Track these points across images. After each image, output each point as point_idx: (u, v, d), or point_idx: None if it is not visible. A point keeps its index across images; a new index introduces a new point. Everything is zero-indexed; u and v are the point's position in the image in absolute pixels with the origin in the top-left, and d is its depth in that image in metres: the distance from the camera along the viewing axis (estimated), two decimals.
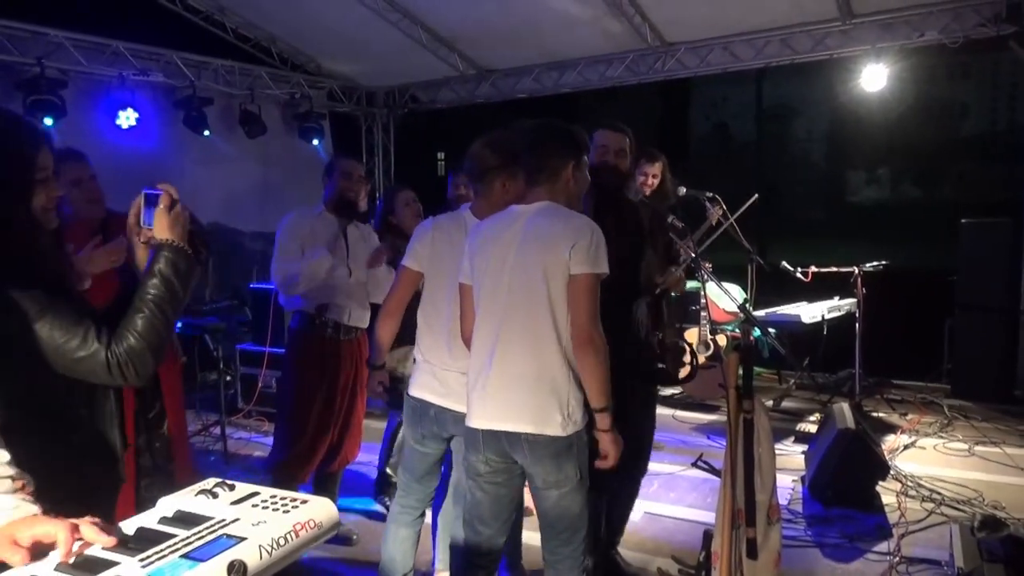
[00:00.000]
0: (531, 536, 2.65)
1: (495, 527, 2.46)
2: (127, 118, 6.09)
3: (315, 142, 7.77)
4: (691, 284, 5.76)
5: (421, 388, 2.70)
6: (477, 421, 2.35)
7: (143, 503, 2.68)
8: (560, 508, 2.32)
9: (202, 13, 6.74)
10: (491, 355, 2.31)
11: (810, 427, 5.12)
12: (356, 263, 3.54)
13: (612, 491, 3.12)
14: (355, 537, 3.72)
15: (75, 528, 1.15)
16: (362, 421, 3.79)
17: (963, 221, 6.26)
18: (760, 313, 5.83)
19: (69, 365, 1.50)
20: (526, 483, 2.46)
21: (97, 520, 1.17)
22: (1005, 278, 6.05)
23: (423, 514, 2.88)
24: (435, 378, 2.66)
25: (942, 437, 5.12)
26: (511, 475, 2.39)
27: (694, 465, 4.59)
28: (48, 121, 5.64)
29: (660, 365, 3.25)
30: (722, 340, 5.74)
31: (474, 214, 2.64)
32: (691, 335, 5.94)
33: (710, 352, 5.65)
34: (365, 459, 4.21)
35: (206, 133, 6.69)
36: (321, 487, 3.64)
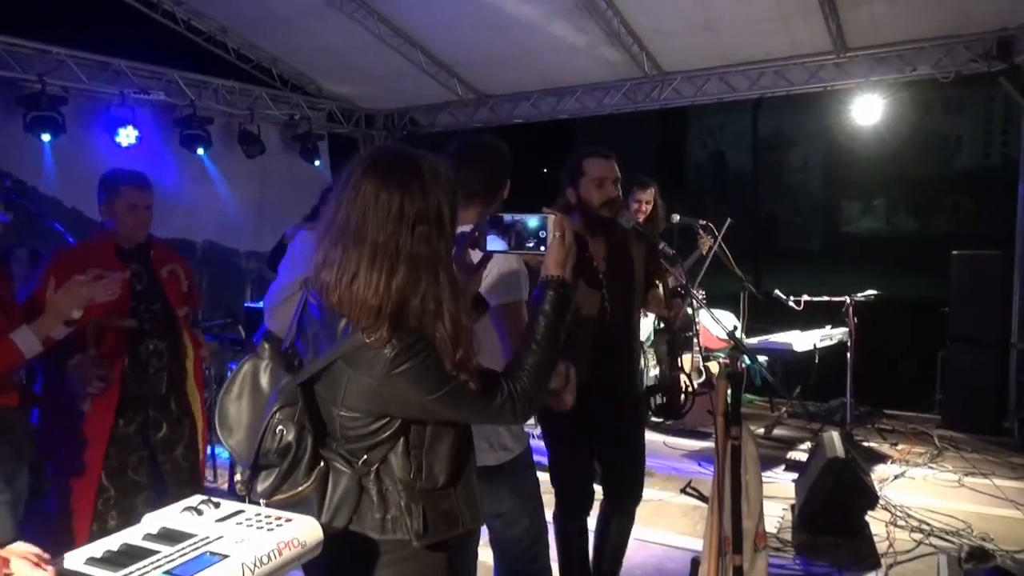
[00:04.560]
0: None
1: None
2: (127, 136, 6.12)
3: (316, 163, 7.81)
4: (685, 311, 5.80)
5: None
6: None
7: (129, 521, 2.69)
8: (507, 533, 2.31)
9: (204, 34, 6.81)
10: None
11: (801, 455, 5.12)
12: None
13: (605, 524, 3.12)
14: None
15: (4, 562, 1.09)
16: None
17: (954, 253, 6.30)
18: (752, 341, 5.85)
19: (481, 419, 1.62)
20: None
21: (30, 553, 1.12)
22: (996, 310, 6.08)
23: None
24: None
25: (932, 468, 5.12)
26: None
27: (683, 492, 4.62)
28: (46, 137, 5.69)
29: (664, 399, 3.25)
30: (714, 367, 5.76)
31: None
32: (684, 362, 5.96)
33: (702, 379, 5.67)
34: None
35: (199, 152, 6.73)
36: None
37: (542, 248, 1.63)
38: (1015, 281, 6.13)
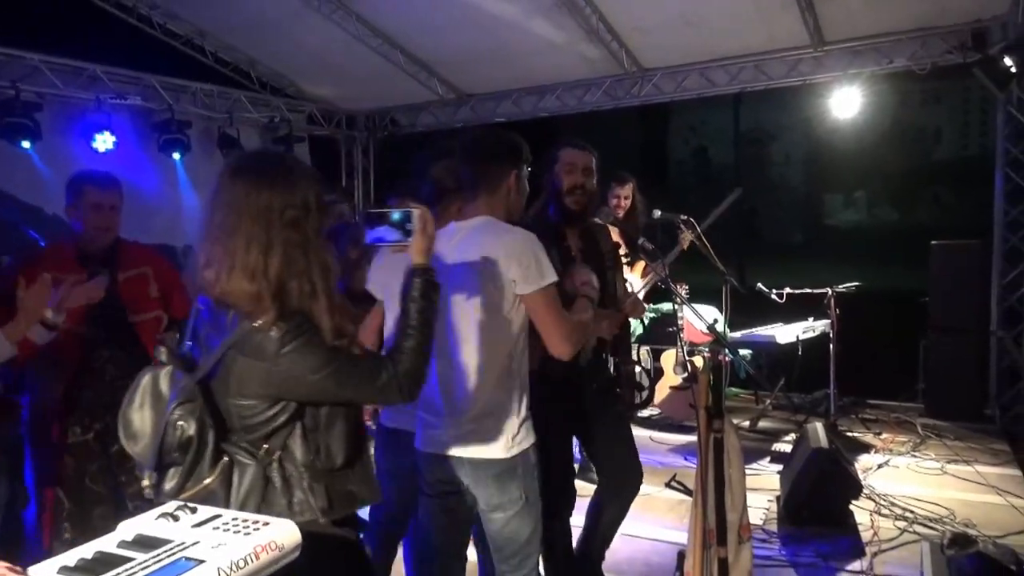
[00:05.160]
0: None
1: (446, 555, 2.43)
2: (104, 141, 6.06)
3: None
4: (668, 306, 5.82)
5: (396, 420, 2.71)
6: (423, 445, 2.33)
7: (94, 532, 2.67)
8: (507, 532, 2.29)
9: (181, 37, 6.75)
10: (434, 379, 2.25)
11: (785, 447, 5.15)
12: None
13: (597, 511, 3.12)
14: None
15: None
16: None
17: (933, 243, 6.34)
18: (736, 334, 5.87)
19: (368, 396, 1.70)
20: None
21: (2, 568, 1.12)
22: (975, 299, 6.14)
23: None
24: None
25: (915, 456, 5.16)
26: (460, 500, 2.34)
27: (668, 485, 4.63)
28: (26, 144, 5.63)
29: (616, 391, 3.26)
30: (699, 361, 5.78)
31: None
32: (668, 357, 5.98)
33: (687, 374, 5.69)
34: None
35: (176, 156, 6.67)
36: None
37: (409, 239, 1.79)
38: (993, 270, 6.20)
